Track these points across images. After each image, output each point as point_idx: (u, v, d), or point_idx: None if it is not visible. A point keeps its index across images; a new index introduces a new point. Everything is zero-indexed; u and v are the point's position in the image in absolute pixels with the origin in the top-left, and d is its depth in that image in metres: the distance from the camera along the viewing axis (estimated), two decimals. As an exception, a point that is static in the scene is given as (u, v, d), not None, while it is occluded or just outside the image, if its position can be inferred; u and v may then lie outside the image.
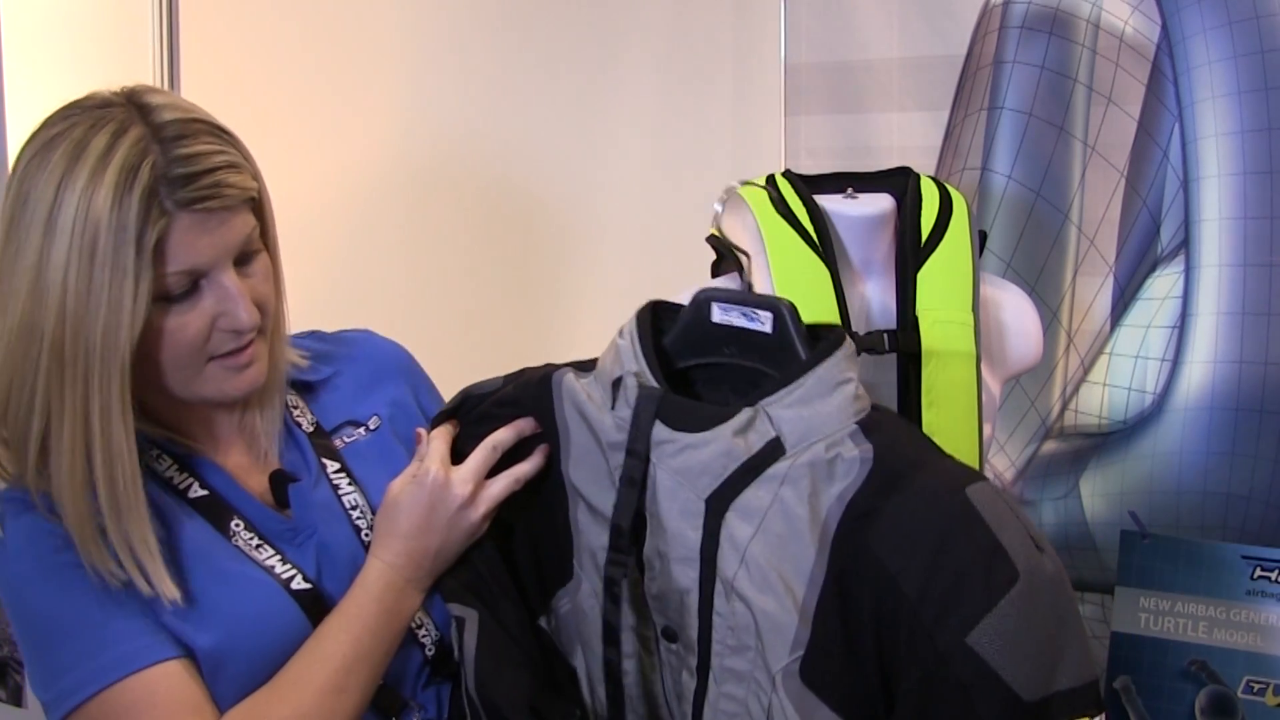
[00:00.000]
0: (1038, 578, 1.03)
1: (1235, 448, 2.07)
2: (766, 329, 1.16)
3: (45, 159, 1.11)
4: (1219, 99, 2.06)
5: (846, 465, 1.09)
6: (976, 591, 1.02)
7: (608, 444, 1.19)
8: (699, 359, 1.22)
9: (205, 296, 1.16)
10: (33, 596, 1.16)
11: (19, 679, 1.88)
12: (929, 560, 1.03)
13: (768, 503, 1.10)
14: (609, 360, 1.22)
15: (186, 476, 1.24)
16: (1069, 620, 1.05)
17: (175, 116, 1.13)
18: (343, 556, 1.27)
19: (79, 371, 1.10)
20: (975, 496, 1.05)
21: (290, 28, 2.25)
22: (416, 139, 2.42)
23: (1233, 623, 2.00)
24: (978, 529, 1.03)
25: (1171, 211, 2.13)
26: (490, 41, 2.51)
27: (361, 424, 1.37)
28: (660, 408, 1.15)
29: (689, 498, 1.13)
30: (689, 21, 2.68)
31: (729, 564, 1.12)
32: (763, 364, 1.18)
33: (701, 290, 1.22)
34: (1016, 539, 1.04)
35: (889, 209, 1.51)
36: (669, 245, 2.58)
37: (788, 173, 1.55)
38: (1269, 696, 1.99)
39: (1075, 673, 1.04)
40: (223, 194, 1.13)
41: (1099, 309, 2.20)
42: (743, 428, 1.11)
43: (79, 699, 1.14)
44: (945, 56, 2.32)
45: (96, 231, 1.08)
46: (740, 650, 1.12)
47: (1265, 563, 1.98)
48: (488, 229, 2.51)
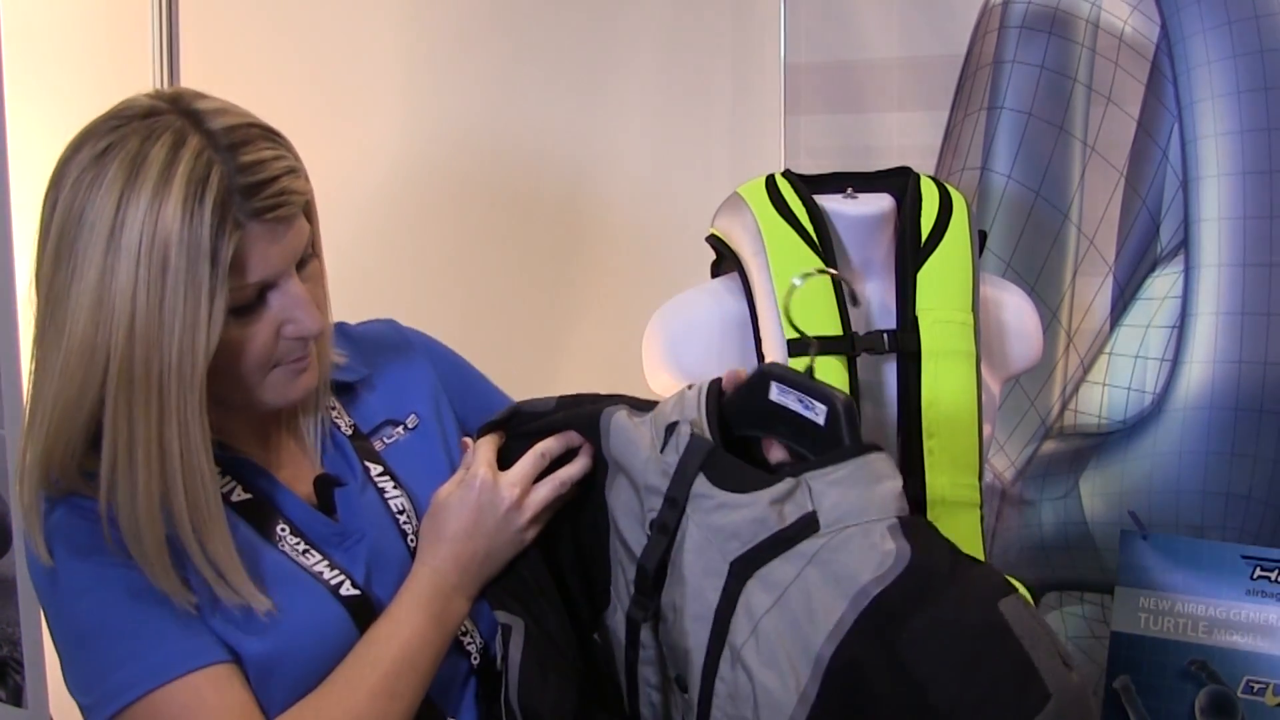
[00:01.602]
0: (1067, 698, 1.00)
1: (1235, 447, 2.07)
2: (819, 420, 1.14)
3: (100, 172, 1.06)
4: (1218, 99, 2.06)
5: (880, 558, 1.06)
6: (1009, 709, 1.00)
7: (645, 486, 1.19)
8: (753, 431, 1.21)
9: (271, 305, 1.13)
10: (75, 594, 1.13)
11: (19, 679, 1.88)
12: (960, 673, 1.01)
13: (791, 578, 1.09)
14: (670, 405, 1.22)
15: (230, 480, 1.20)
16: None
17: (230, 123, 1.09)
18: (392, 561, 1.24)
19: (153, 393, 1.06)
20: (1009, 612, 1.03)
21: (290, 27, 2.25)
22: (416, 141, 2.42)
23: (1232, 623, 2.00)
24: (1009, 646, 1.01)
25: (1171, 211, 2.13)
26: (490, 42, 2.51)
27: (400, 423, 1.35)
28: (707, 461, 1.14)
29: (715, 557, 1.12)
30: (689, 22, 2.68)
31: (740, 632, 1.10)
32: (812, 451, 1.16)
33: (768, 364, 1.21)
34: (1047, 658, 1.02)
35: (889, 209, 1.51)
36: (669, 244, 2.59)
37: (787, 172, 1.55)
38: (1269, 696, 1.99)
39: None
40: (289, 201, 1.10)
41: (1098, 309, 2.20)
42: (781, 497, 1.10)
43: (123, 702, 1.10)
44: (945, 56, 2.32)
45: (167, 248, 1.04)
46: (736, 719, 1.11)
47: (1265, 562, 1.98)
48: (488, 229, 2.51)
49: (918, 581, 1.05)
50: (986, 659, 1.02)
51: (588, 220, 2.65)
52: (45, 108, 1.90)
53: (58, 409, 1.09)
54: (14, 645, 1.87)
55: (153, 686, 1.09)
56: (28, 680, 1.87)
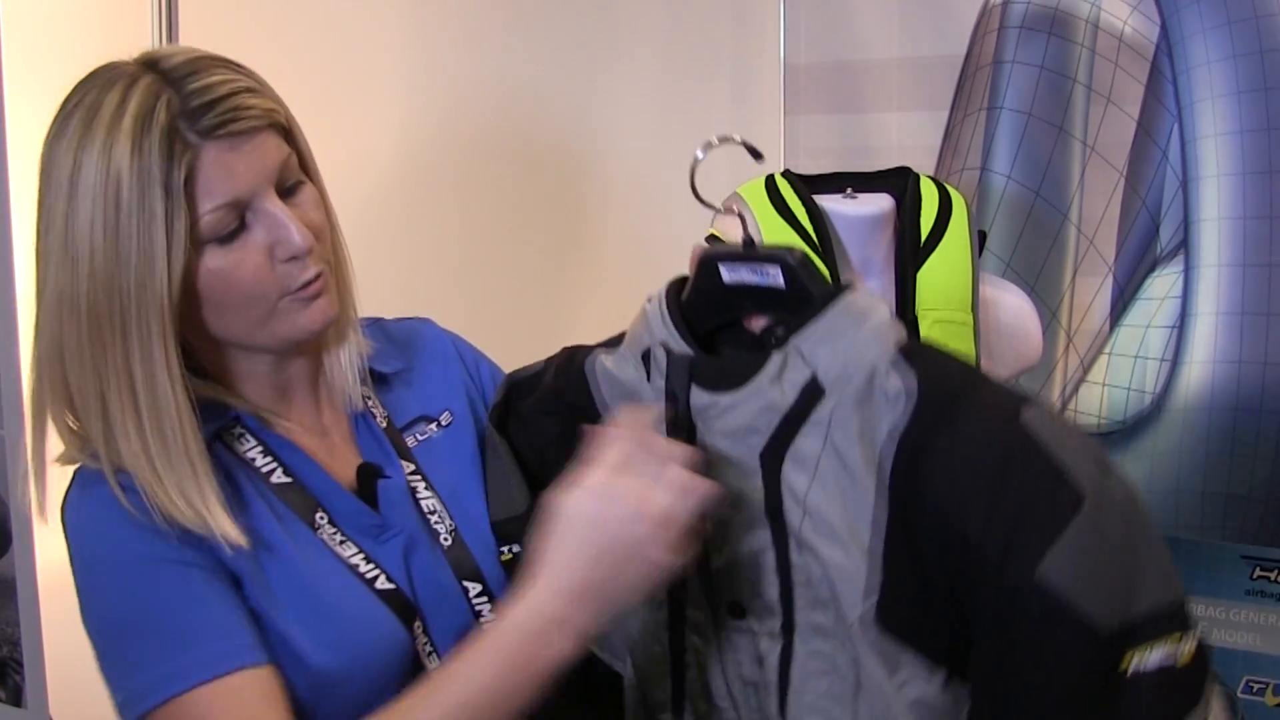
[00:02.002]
0: (1104, 499, 0.98)
1: (1234, 447, 2.07)
2: (780, 283, 1.10)
3: (63, 130, 1.08)
4: (1218, 99, 2.06)
5: (892, 398, 1.03)
6: (1041, 521, 0.96)
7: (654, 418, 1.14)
8: (720, 319, 1.16)
9: (255, 230, 1.11)
10: (110, 584, 1.10)
11: (18, 679, 1.88)
12: (989, 495, 0.98)
13: (819, 449, 1.05)
14: (638, 329, 1.18)
15: (270, 460, 1.17)
16: (1144, 541, 1.00)
17: (185, 58, 1.09)
18: (425, 560, 1.21)
19: (116, 326, 1.06)
20: (1031, 421, 1.00)
21: (289, 26, 2.25)
22: (417, 137, 2.42)
23: (1232, 623, 2.00)
24: (1036, 456, 0.98)
25: (1171, 211, 2.13)
26: (489, 42, 2.51)
27: (434, 419, 1.31)
28: (693, 373, 1.10)
29: (743, 457, 1.09)
30: (688, 22, 2.69)
31: (794, 516, 1.07)
32: (780, 314, 1.12)
33: (705, 251, 1.16)
34: (1079, 461, 0.99)
35: (888, 209, 1.51)
36: (668, 244, 2.58)
37: (787, 173, 1.55)
38: (1268, 696, 1.99)
39: (1155, 595, 0.98)
40: (244, 115, 1.08)
41: (1098, 309, 2.20)
42: (777, 374, 1.07)
43: (151, 703, 1.06)
44: (944, 56, 2.32)
45: (119, 183, 1.04)
46: (819, 604, 1.08)
47: (1265, 562, 1.98)
48: (487, 228, 2.51)
49: (932, 411, 1.02)
50: (1012, 474, 0.98)
51: (586, 219, 2.65)
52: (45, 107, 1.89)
53: (53, 365, 1.10)
54: (14, 645, 1.87)
55: (182, 689, 1.06)
56: (27, 680, 1.87)
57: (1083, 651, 0.96)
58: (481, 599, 1.23)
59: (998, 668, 1.00)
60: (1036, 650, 0.98)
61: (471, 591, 1.23)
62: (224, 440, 1.17)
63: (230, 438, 1.17)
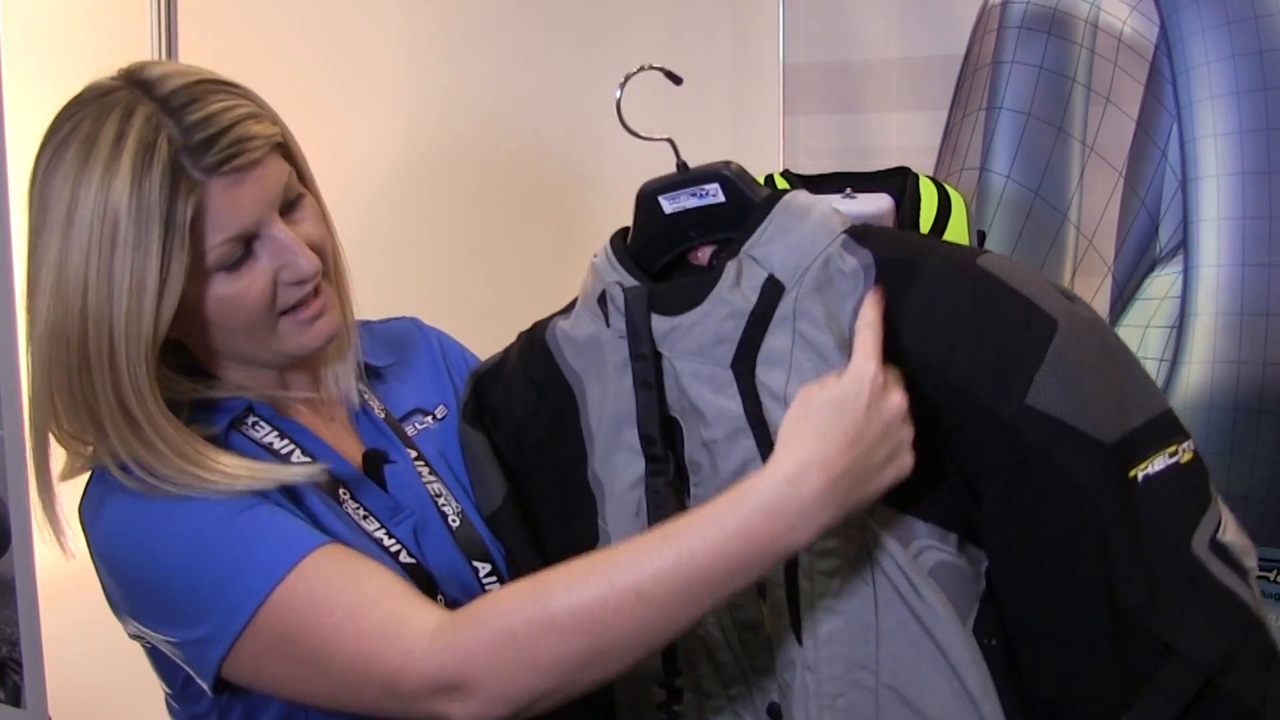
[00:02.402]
0: (1076, 321, 1.00)
1: (1233, 447, 2.07)
2: (721, 199, 1.11)
3: (59, 160, 1.07)
4: (1217, 99, 2.06)
5: (851, 277, 1.05)
6: (1022, 351, 0.99)
7: (616, 366, 1.14)
8: (669, 253, 1.16)
9: (261, 255, 1.11)
10: (154, 545, 1.09)
11: (18, 679, 1.88)
12: (967, 339, 1.00)
13: (789, 343, 1.06)
14: (589, 282, 1.18)
15: (288, 443, 1.18)
16: (1121, 355, 1.02)
17: (179, 84, 1.08)
18: (436, 541, 1.23)
19: (104, 361, 1.06)
20: (990, 265, 1.03)
21: (287, 29, 2.25)
22: (416, 138, 2.42)
23: (1231, 622, 2.00)
24: (1002, 293, 1.01)
25: (1170, 211, 2.13)
26: (488, 43, 2.51)
27: (429, 412, 1.33)
28: (651, 303, 1.11)
29: (715, 371, 1.09)
30: (687, 22, 2.69)
31: (777, 417, 1.06)
32: (727, 232, 1.12)
33: (642, 186, 1.16)
34: (1044, 292, 1.01)
35: (888, 208, 1.52)
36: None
37: (786, 173, 1.55)
38: (1267, 696, 1.99)
39: (1146, 405, 1.01)
40: (248, 147, 1.08)
41: (1097, 309, 2.20)
42: (735, 282, 1.08)
43: (247, 613, 1.03)
44: (944, 56, 2.32)
45: (117, 219, 1.04)
46: None
47: (1264, 562, 1.98)
48: (486, 228, 2.51)
49: (894, 277, 1.04)
50: (984, 315, 1.01)
51: (585, 219, 2.64)
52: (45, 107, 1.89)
53: (46, 395, 1.10)
54: (13, 645, 1.87)
55: (270, 587, 1.04)
56: (26, 680, 1.87)
57: (1090, 465, 0.97)
58: (491, 578, 1.25)
59: (1011, 509, 1.01)
60: (1045, 476, 0.98)
61: (481, 571, 1.25)
62: (240, 429, 1.17)
63: (245, 426, 1.18)
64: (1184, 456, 1.00)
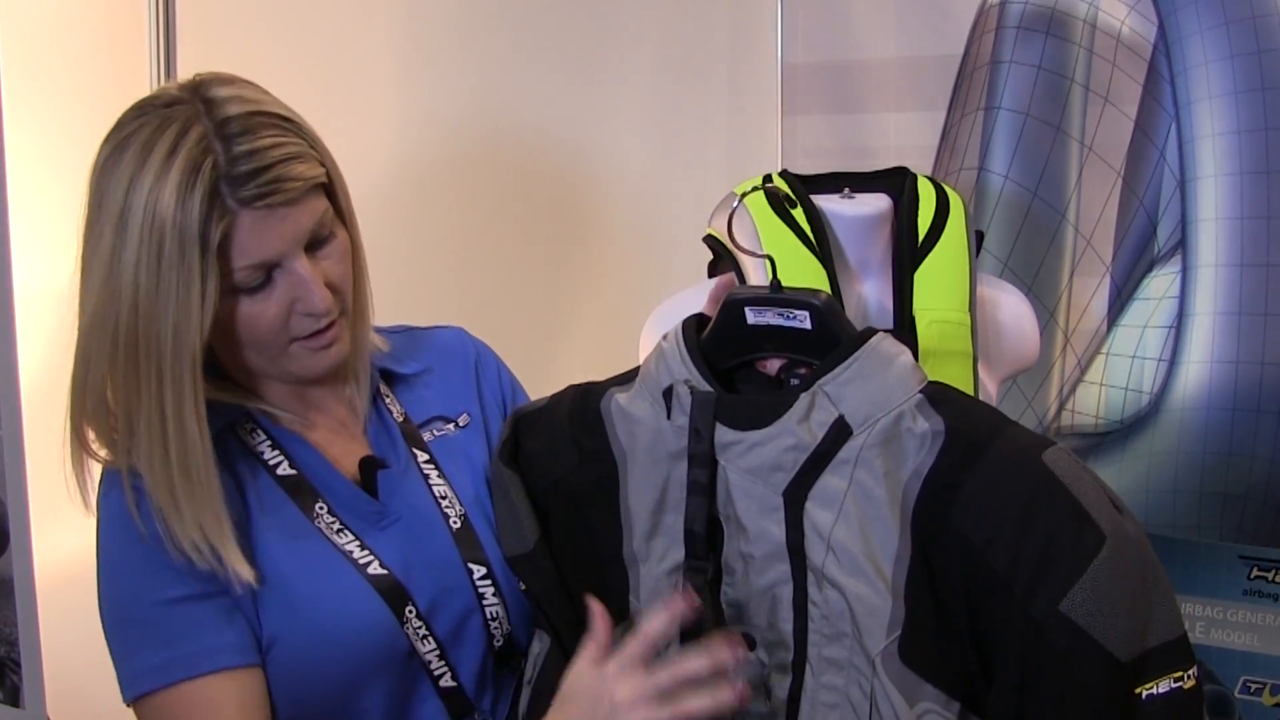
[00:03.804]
0: (1122, 539, 1.03)
1: (1232, 448, 2.07)
2: (806, 326, 1.15)
3: (118, 160, 1.13)
4: (1216, 99, 2.06)
5: (919, 440, 1.09)
6: (1066, 558, 1.02)
7: (669, 454, 1.18)
8: (740, 358, 1.20)
9: (279, 285, 1.17)
10: (116, 576, 1.19)
11: (16, 679, 1.88)
12: (1015, 531, 1.04)
13: (844, 487, 1.10)
14: (655, 368, 1.21)
15: (277, 454, 1.25)
16: (1155, 578, 1.06)
17: (239, 111, 1.14)
18: (429, 545, 1.27)
19: (152, 366, 1.13)
20: (1053, 462, 1.06)
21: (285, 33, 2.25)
22: (415, 139, 2.42)
23: (1229, 623, 2.00)
24: (1060, 495, 1.04)
25: (1168, 211, 2.13)
26: (487, 42, 2.51)
27: (452, 420, 1.37)
28: (718, 411, 1.15)
29: (766, 494, 1.13)
30: (686, 22, 2.68)
31: (816, 553, 1.11)
32: (804, 355, 1.17)
33: (731, 293, 1.20)
34: (1097, 501, 1.04)
35: (886, 209, 1.51)
36: (666, 244, 2.59)
37: (785, 173, 1.55)
38: (1266, 696, 2.00)
39: (1165, 629, 1.05)
40: (285, 188, 1.13)
41: (1096, 309, 2.20)
42: (805, 415, 1.11)
43: (139, 690, 1.16)
44: (942, 56, 2.32)
45: (163, 232, 1.10)
46: (836, 638, 1.12)
47: (1262, 562, 1.98)
48: (485, 227, 2.51)
49: (959, 451, 1.07)
50: (1038, 512, 1.04)
51: (585, 220, 2.65)
52: (44, 108, 1.89)
53: (83, 377, 1.17)
54: (11, 645, 1.87)
55: (166, 683, 1.15)
56: (25, 680, 1.87)
57: (1103, 678, 1.02)
58: (485, 581, 1.28)
59: (1021, 695, 1.05)
60: (1060, 678, 1.03)
61: (476, 574, 1.28)
62: (237, 434, 1.24)
63: (243, 431, 1.25)
64: (1188, 683, 1.05)
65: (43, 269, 1.75)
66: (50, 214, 1.85)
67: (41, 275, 1.74)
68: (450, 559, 1.27)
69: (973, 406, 1.14)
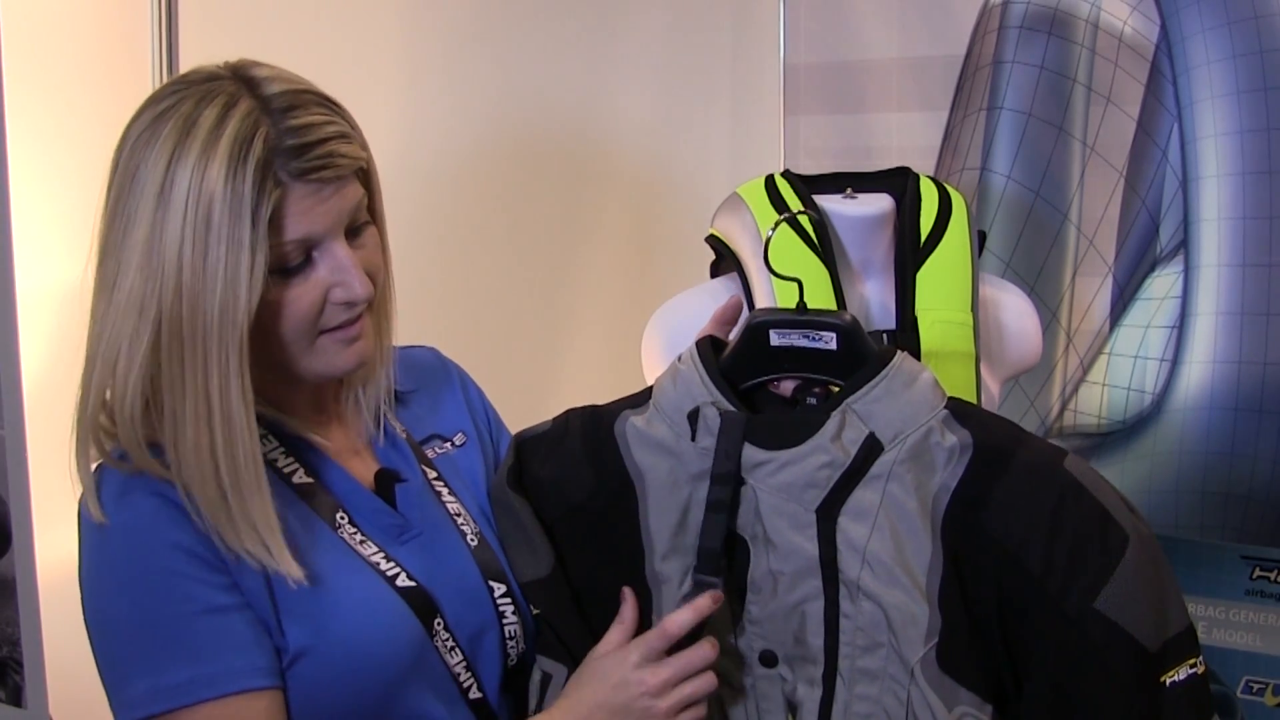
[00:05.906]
0: (1140, 536, 1.10)
1: (1234, 447, 2.07)
2: (831, 348, 1.18)
3: (155, 134, 1.09)
4: (1218, 99, 2.06)
5: (947, 453, 1.13)
6: (1096, 558, 1.08)
7: (692, 476, 1.19)
8: (759, 378, 1.22)
9: (319, 268, 1.14)
10: (130, 588, 1.11)
11: (18, 679, 1.88)
12: (1046, 535, 1.09)
13: (877, 501, 1.14)
14: (672, 390, 1.22)
15: (292, 461, 1.21)
16: (1166, 569, 1.12)
17: (283, 88, 1.12)
18: (449, 560, 1.24)
19: (198, 346, 1.08)
20: (1074, 468, 1.12)
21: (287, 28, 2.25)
22: (416, 141, 2.42)
23: (1231, 623, 2.00)
24: (1084, 499, 1.10)
25: (1170, 211, 2.13)
26: (488, 44, 2.51)
27: (448, 439, 1.35)
28: (747, 433, 1.17)
29: (797, 511, 1.15)
30: (688, 22, 2.68)
31: (850, 566, 1.14)
32: (827, 375, 1.20)
33: (755, 314, 1.22)
34: (1117, 504, 1.11)
35: (888, 209, 1.51)
36: (668, 244, 2.59)
37: (787, 173, 1.55)
38: (1268, 696, 1.99)
39: (1179, 620, 1.11)
40: (336, 164, 1.12)
41: (1098, 309, 2.20)
42: (836, 433, 1.14)
43: (152, 710, 1.08)
44: (944, 57, 2.32)
45: (211, 206, 1.06)
46: (872, 649, 1.14)
47: (1264, 563, 1.98)
48: (486, 227, 2.51)
49: (987, 462, 1.13)
50: (1066, 516, 1.10)
51: (587, 220, 2.65)
52: (45, 107, 1.89)
53: (108, 363, 1.11)
54: (14, 645, 1.87)
55: (176, 706, 1.08)
56: (27, 680, 1.87)
57: (1134, 668, 1.08)
58: (505, 599, 1.26)
59: (1055, 694, 1.10)
60: (1095, 670, 1.08)
61: (496, 591, 1.26)
62: None
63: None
64: (1200, 668, 1.11)
65: (43, 269, 1.75)
66: (51, 214, 1.85)
67: (42, 275, 1.74)
68: (471, 575, 1.24)
69: (992, 420, 1.18)
